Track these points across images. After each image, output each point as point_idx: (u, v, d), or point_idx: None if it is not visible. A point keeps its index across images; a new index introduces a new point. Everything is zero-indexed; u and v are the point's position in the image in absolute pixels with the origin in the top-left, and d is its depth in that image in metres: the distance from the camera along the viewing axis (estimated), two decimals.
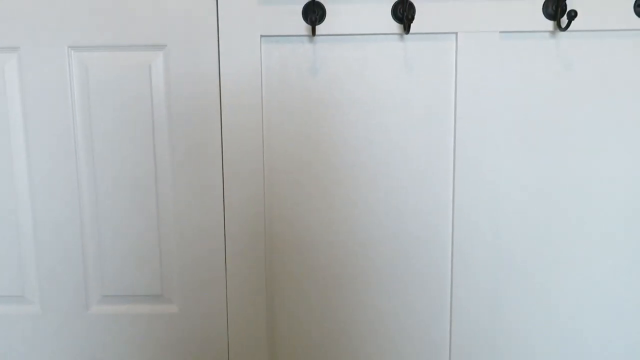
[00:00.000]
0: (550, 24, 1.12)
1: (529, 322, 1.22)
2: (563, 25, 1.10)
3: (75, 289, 1.23)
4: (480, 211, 1.17)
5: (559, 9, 1.10)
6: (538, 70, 1.15)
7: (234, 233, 1.18)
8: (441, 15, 1.12)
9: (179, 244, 1.20)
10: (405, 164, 1.18)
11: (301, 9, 1.12)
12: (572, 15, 1.05)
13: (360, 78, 1.16)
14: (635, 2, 1.11)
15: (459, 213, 1.18)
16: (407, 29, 1.09)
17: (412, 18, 1.05)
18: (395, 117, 1.17)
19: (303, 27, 1.13)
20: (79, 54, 1.16)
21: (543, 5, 1.11)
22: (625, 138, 1.16)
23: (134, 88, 1.16)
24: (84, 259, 1.22)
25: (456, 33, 1.13)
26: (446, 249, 1.20)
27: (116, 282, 1.23)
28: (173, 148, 1.17)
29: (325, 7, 1.12)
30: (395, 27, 1.13)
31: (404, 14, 1.11)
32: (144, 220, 1.20)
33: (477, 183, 1.17)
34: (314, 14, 1.10)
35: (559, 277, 1.21)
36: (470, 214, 1.17)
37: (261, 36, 1.14)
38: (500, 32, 1.13)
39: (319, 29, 1.13)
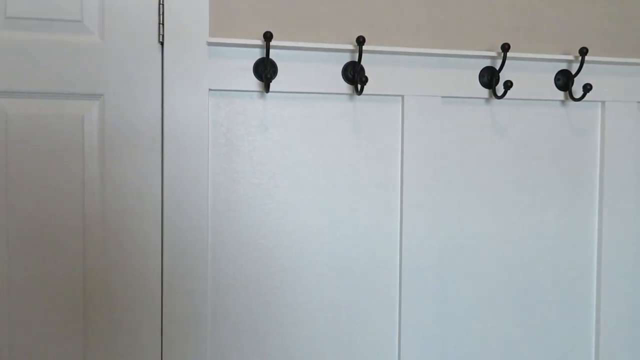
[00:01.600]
0: (485, 92, 1.20)
1: None
2: (498, 93, 1.19)
3: None
4: (426, 269, 1.19)
5: (494, 79, 1.19)
6: (475, 133, 1.22)
7: (172, 305, 1.08)
8: (389, 79, 1.15)
9: (107, 317, 1.06)
10: (353, 226, 1.17)
11: (252, 65, 1.10)
12: (509, 85, 1.14)
13: (310, 136, 1.15)
14: (555, 75, 1.23)
15: (406, 273, 1.18)
16: (359, 91, 1.10)
17: (366, 80, 1.07)
18: (344, 177, 1.16)
19: (254, 83, 1.10)
20: None
21: (479, 75, 1.20)
22: (550, 196, 1.26)
23: (63, 139, 1.04)
24: None
25: (403, 96, 1.17)
26: (394, 309, 1.19)
27: None
28: (105, 206, 1.06)
29: (277, 64, 1.11)
30: (346, 87, 1.14)
31: (354, 75, 1.13)
32: (69, 291, 1.05)
33: (423, 243, 1.18)
34: (267, 70, 1.08)
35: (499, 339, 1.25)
36: (417, 274, 1.18)
37: (209, 90, 1.09)
38: (442, 97, 1.19)
39: (270, 85, 1.10)
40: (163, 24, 1.06)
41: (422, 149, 1.18)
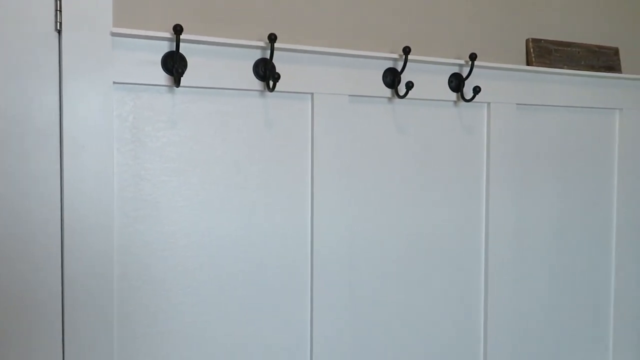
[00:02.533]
0: (389, 92, 1.27)
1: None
2: (400, 93, 1.27)
3: None
4: (336, 260, 1.23)
5: (396, 79, 1.26)
6: (380, 130, 1.29)
7: (75, 312, 1.01)
8: (299, 77, 1.18)
9: (1, 330, 0.97)
10: (266, 221, 1.18)
11: (161, 58, 1.06)
12: (410, 86, 1.21)
13: (221, 132, 1.13)
14: (449, 78, 1.34)
15: (317, 265, 1.22)
16: (272, 88, 1.11)
17: (278, 77, 1.09)
18: (256, 173, 1.17)
19: (162, 76, 1.06)
20: None
21: (383, 75, 1.26)
22: (445, 189, 1.37)
23: None
24: None
25: (312, 94, 1.20)
26: (306, 300, 1.23)
27: None
28: None
29: (187, 58, 1.08)
30: (257, 84, 1.14)
31: (265, 72, 1.14)
32: None
33: (333, 236, 1.23)
34: (177, 64, 1.05)
35: (399, 319, 1.34)
36: (328, 265, 1.23)
37: (114, 83, 1.03)
38: (349, 95, 1.24)
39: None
40: (60, 11, 0.98)
41: (332, 145, 1.22)
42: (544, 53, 1.48)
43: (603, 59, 1.58)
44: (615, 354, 1.67)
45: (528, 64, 1.48)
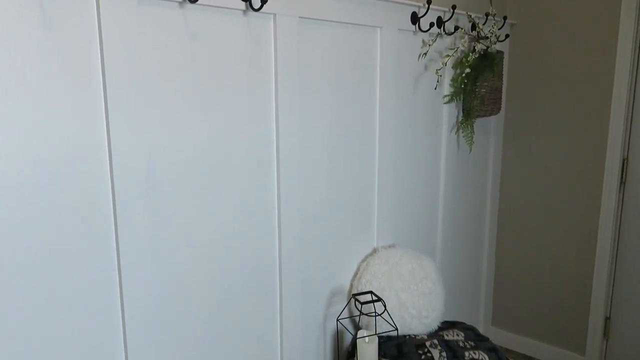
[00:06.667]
0: None
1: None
2: None
3: None
4: (138, 175, 1.22)
5: None
6: (172, 37, 1.27)
7: None
8: None
9: None
10: (50, 136, 1.09)
11: None
12: None
13: None
14: None
15: (118, 182, 1.19)
16: None
17: None
18: (37, 80, 1.05)
19: None
20: None
21: None
22: (238, 97, 1.44)
23: None
24: None
25: None
26: (109, 222, 1.20)
27: None
28: None
29: None
30: None
31: None
32: None
33: (132, 148, 1.20)
34: None
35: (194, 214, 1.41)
36: (129, 181, 1.21)
37: None
38: None
39: None
40: None
41: (122, 51, 1.16)
42: None
43: None
44: (378, 233, 2.04)
45: None
